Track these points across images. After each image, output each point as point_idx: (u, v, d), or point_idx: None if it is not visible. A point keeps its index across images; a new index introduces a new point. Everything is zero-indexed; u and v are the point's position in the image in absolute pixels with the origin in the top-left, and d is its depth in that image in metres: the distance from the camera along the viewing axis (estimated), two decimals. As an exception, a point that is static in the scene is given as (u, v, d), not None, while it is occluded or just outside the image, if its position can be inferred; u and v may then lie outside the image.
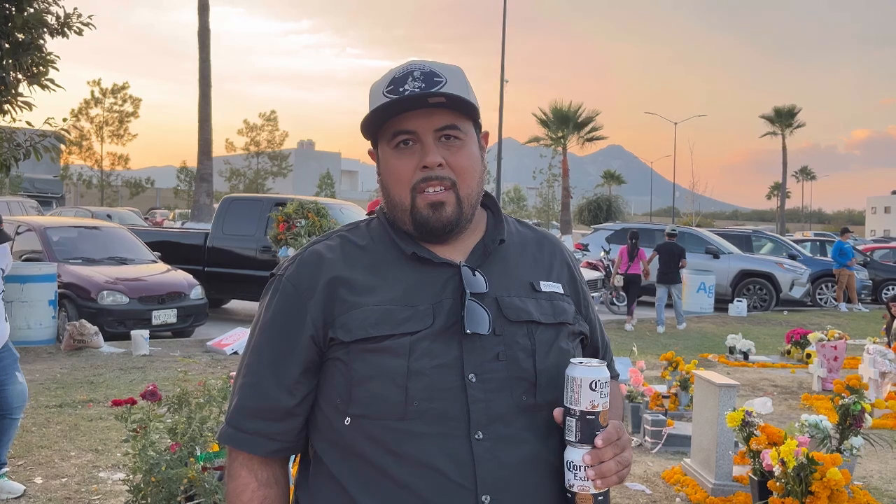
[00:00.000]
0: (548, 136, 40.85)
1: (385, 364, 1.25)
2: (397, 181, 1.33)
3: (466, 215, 1.34)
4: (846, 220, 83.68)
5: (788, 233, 46.28)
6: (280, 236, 10.23)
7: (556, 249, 1.47)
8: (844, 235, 17.52)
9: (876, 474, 5.40)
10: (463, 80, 1.35)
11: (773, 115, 55.72)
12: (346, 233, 1.41)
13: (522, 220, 1.52)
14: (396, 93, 1.30)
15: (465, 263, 1.33)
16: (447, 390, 1.25)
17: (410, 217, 1.32)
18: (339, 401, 1.28)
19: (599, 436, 1.22)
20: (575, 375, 1.23)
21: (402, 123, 1.31)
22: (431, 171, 1.30)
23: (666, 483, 5.07)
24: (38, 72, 7.08)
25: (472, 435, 1.24)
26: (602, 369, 1.24)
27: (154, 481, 3.44)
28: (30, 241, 10.44)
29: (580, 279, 1.48)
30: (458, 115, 1.33)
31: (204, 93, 24.41)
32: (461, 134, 1.33)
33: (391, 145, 1.33)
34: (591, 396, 1.22)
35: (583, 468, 1.22)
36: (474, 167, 1.35)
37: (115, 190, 54.43)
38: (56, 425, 5.80)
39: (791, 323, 13.41)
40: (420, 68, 1.32)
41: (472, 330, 1.26)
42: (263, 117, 60.01)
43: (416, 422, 1.24)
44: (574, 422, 1.23)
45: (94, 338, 8.84)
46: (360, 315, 1.28)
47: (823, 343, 8.28)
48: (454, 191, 1.31)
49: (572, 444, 1.24)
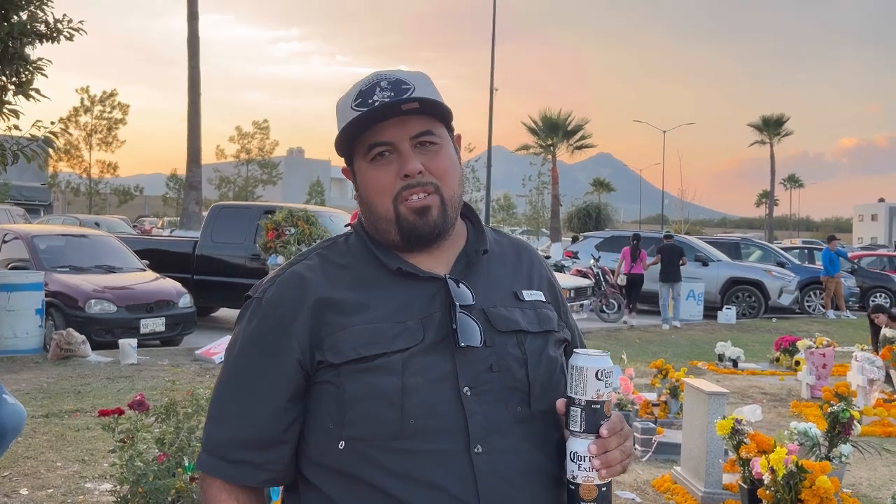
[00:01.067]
0: (537, 144, 40.97)
1: (378, 383, 1.22)
2: (379, 193, 1.30)
3: (451, 219, 1.33)
4: (834, 228, 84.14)
5: (777, 240, 46.53)
6: (269, 244, 10.20)
7: (532, 257, 1.47)
8: (832, 243, 17.64)
9: (865, 482, 5.41)
10: (430, 85, 1.34)
11: (760, 124, 56.06)
12: (324, 251, 1.37)
13: (497, 229, 1.51)
14: (366, 105, 1.28)
15: (450, 276, 1.31)
16: (443, 405, 1.23)
17: (396, 227, 1.30)
18: (332, 424, 1.24)
19: (605, 425, 1.21)
20: (580, 364, 1.22)
21: (376, 135, 1.29)
22: (412, 178, 1.28)
23: (656, 491, 5.07)
24: (25, 80, 7.06)
25: (471, 449, 1.22)
26: (606, 359, 1.23)
27: (141, 492, 3.41)
28: (17, 249, 10.37)
29: (557, 285, 1.48)
30: (432, 119, 1.31)
31: (193, 100, 24.38)
32: (437, 138, 1.31)
33: (368, 159, 1.31)
34: (597, 385, 1.21)
35: (588, 458, 1.20)
36: (454, 169, 1.34)
37: (103, 198, 54.17)
38: (42, 435, 5.75)
39: (780, 330, 13.47)
40: (386, 78, 1.31)
41: (465, 343, 1.24)
42: (256, 125, 59.94)
43: (413, 440, 1.21)
44: (579, 411, 1.21)
45: (81, 347, 8.78)
46: (349, 335, 1.25)
47: (812, 350, 8.31)
48: (438, 194, 1.30)
49: (576, 435, 1.22)
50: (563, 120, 39.94)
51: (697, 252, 17.11)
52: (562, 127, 39.86)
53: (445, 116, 1.34)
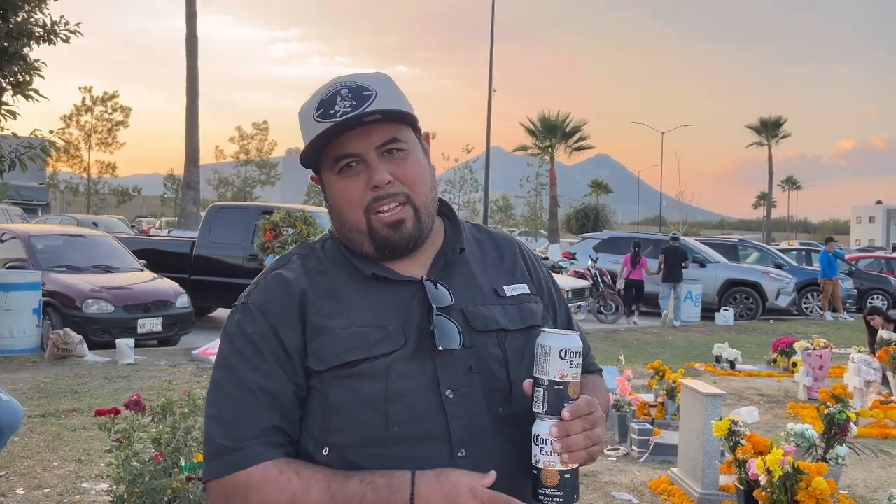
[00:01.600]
0: (535, 145, 40.99)
1: (362, 389, 1.21)
2: (348, 204, 1.28)
3: (426, 226, 1.31)
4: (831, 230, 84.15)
5: (774, 242, 46.57)
6: (267, 245, 10.19)
7: (514, 248, 1.45)
8: (829, 245, 17.66)
9: (861, 483, 5.42)
10: (392, 87, 1.31)
11: (758, 125, 56.13)
12: (301, 257, 1.35)
13: (478, 224, 1.49)
14: (327, 116, 1.26)
15: (427, 278, 1.30)
16: (427, 410, 1.22)
17: (369, 238, 1.28)
18: (316, 430, 1.24)
19: (567, 407, 1.17)
20: (544, 343, 1.20)
21: (341, 147, 1.27)
22: (382, 189, 1.26)
23: (652, 492, 5.07)
24: (22, 80, 7.06)
25: (454, 453, 1.21)
26: (574, 338, 1.20)
27: (138, 492, 3.41)
28: (14, 248, 10.35)
29: (544, 273, 1.46)
30: (397, 125, 1.29)
31: (191, 100, 24.38)
32: (403, 144, 1.29)
33: (335, 171, 1.29)
34: (560, 365, 1.18)
35: (549, 441, 1.16)
36: (423, 174, 1.32)
37: (101, 198, 54.13)
38: (39, 435, 5.74)
39: (777, 332, 13.48)
40: (346, 85, 1.28)
41: (443, 346, 1.23)
42: (256, 126, 59.96)
43: (398, 446, 1.21)
44: (542, 392, 1.18)
45: (78, 346, 8.77)
46: (331, 341, 1.24)
47: (809, 352, 8.32)
48: (410, 204, 1.28)
49: (539, 417, 1.19)
50: (561, 121, 39.98)
51: (695, 254, 17.13)
52: (560, 128, 39.90)
53: (410, 121, 1.31)
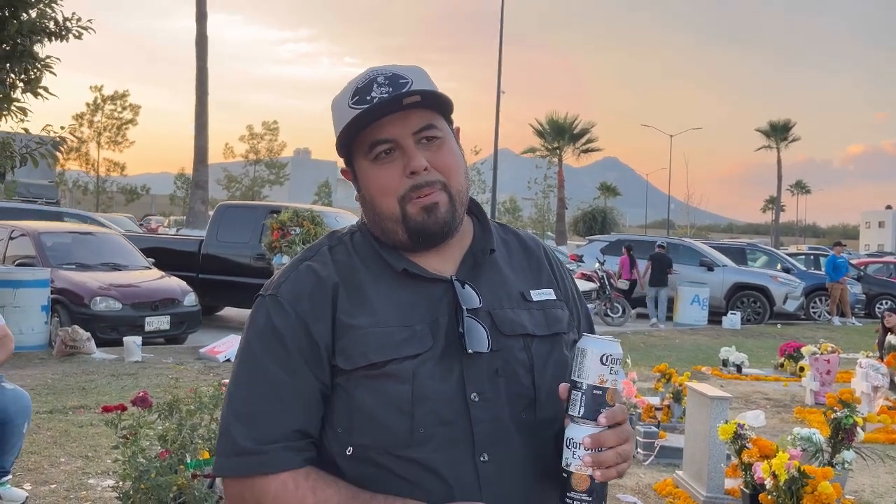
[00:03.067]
0: (544, 147, 40.99)
1: (388, 390, 1.19)
2: (383, 193, 1.25)
3: (460, 214, 1.28)
4: (840, 235, 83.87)
5: (783, 246, 46.41)
6: (274, 244, 10.22)
7: (541, 252, 1.42)
8: (837, 249, 17.58)
9: (867, 488, 5.39)
10: (427, 77, 1.29)
11: (768, 129, 55.99)
12: (330, 249, 1.32)
13: (505, 225, 1.46)
14: (364, 102, 1.23)
15: (456, 277, 1.27)
16: (452, 413, 1.20)
17: (403, 227, 1.25)
18: (340, 429, 1.21)
19: (604, 413, 1.15)
20: (585, 347, 1.18)
21: (377, 133, 1.24)
22: (419, 176, 1.23)
23: (658, 495, 5.06)
24: (34, 77, 7.09)
25: (476, 458, 1.19)
26: (615, 345, 1.19)
27: (143, 488, 3.42)
28: (23, 246, 10.41)
29: (569, 278, 1.43)
30: (433, 112, 1.27)
31: (201, 100, 24.47)
32: (439, 132, 1.27)
33: (370, 158, 1.26)
34: (601, 370, 1.16)
35: (581, 446, 1.15)
36: (459, 163, 1.29)
37: (110, 196, 54.35)
38: (46, 431, 5.77)
39: (784, 336, 13.44)
40: (382, 73, 1.26)
41: (473, 349, 1.20)
42: (266, 126, 60.13)
43: (421, 448, 1.18)
44: (580, 395, 1.17)
45: (86, 344, 8.81)
46: (358, 340, 1.21)
47: (816, 356, 8.28)
48: (446, 191, 1.25)
49: (574, 420, 1.17)
50: (569, 123, 39.99)
51: (703, 257, 17.11)
52: (568, 130, 39.90)
53: (446, 109, 1.29)
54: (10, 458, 4.39)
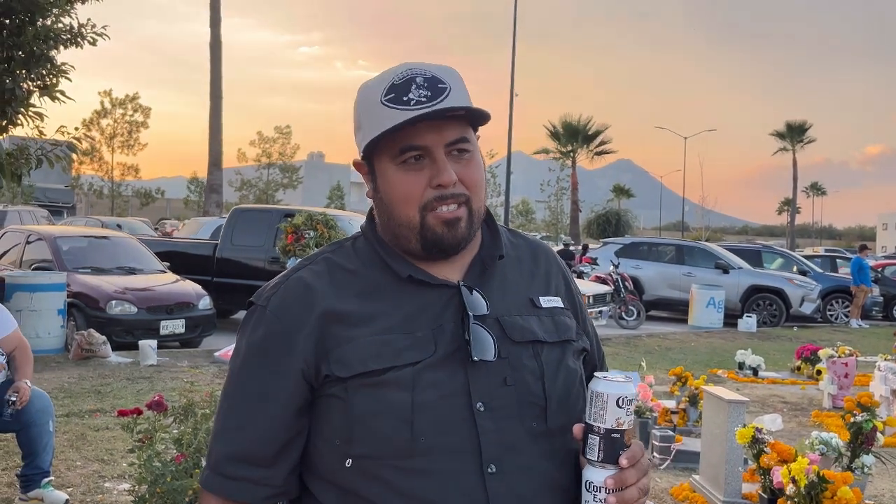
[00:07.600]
0: (557, 150, 40.93)
1: (388, 399, 1.16)
2: (405, 200, 1.21)
3: (476, 230, 1.26)
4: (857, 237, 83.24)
5: (798, 248, 46.11)
6: (289, 248, 10.23)
7: (551, 260, 1.39)
8: (863, 252, 17.40)
9: (888, 493, 5.33)
10: (463, 84, 1.25)
11: (784, 131, 55.66)
12: (331, 255, 1.29)
13: (513, 230, 1.42)
14: (399, 102, 1.19)
15: (464, 283, 1.24)
16: (456, 422, 1.16)
17: (419, 236, 1.22)
18: (339, 441, 1.18)
19: (624, 455, 1.13)
20: (600, 390, 1.15)
21: (411, 138, 1.19)
22: (447, 189, 1.20)
23: (674, 499, 5.03)
24: (50, 83, 7.14)
25: (484, 469, 1.16)
26: (629, 385, 1.16)
27: (159, 492, 3.42)
28: (40, 250, 10.49)
29: (576, 289, 1.41)
30: (466, 124, 1.23)
31: (215, 104, 24.60)
32: (470, 146, 1.23)
33: (396, 161, 1.22)
34: (618, 413, 1.14)
35: (603, 491, 1.13)
36: (483, 179, 1.26)
37: (125, 200, 54.73)
38: (63, 434, 5.79)
39: (801, 339, 13.33)
40: (421, 73, 1.21)
41: (479, 357, 1.17)
42: (279, 130, 60.39)
43: (424, 459, 1.15)
44: (597, 440, 1.14)
45: (102, 347, 8.85)
46: (357, 348, 1.18)
47: (834, 360, 8.21)
48: (467, 206, 1.22)
49: (592, 464, 1.15)
50: (583, 125, 39.92)
51: (718, 259, 17.01)
52: (582, 132, 39.84)
53: (479, 123, 1.26)
54: (46, 458, 4.41)
